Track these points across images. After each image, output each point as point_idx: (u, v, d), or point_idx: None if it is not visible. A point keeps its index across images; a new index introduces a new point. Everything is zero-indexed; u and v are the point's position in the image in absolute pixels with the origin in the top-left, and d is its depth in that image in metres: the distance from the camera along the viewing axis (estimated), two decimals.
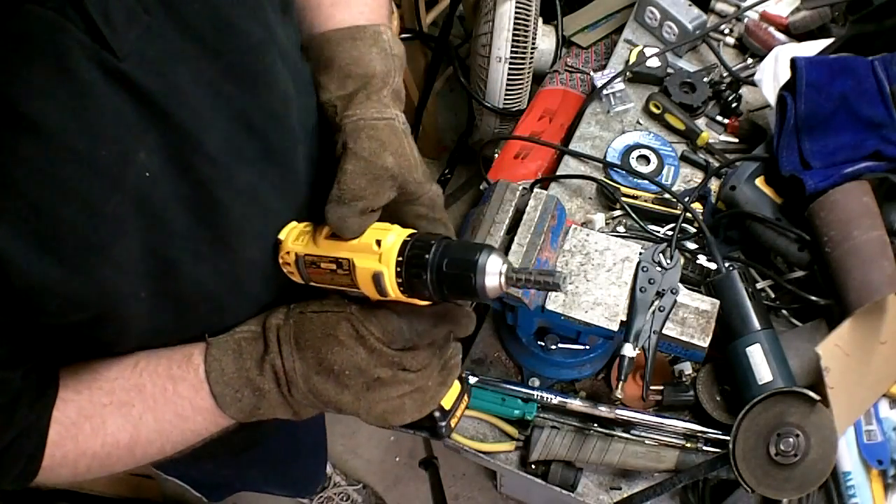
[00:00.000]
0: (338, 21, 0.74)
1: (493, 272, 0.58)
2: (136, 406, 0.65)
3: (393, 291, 0.62)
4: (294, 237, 0.69)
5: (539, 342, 1.04)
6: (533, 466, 1.03)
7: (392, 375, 0.66)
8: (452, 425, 0.73)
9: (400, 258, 0.61)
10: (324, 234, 0.67)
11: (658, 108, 1.28)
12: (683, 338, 0.92)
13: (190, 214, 0.61)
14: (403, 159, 0.67)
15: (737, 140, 1.27)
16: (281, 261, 0.70)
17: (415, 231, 0.65)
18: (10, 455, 0.60)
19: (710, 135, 1.25)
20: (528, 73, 1.72)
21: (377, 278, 0.62)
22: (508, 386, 1.05)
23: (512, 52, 1.66)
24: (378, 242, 0.63)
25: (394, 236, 0.63)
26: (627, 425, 1.01)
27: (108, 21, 0.52)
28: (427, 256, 0.60)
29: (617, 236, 1.05)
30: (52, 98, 0.51)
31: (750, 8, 1.35)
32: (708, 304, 0.94)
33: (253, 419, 0.68)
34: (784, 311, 1.08)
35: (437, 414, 0.71)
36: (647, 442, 0.99)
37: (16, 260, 0.52)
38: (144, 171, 0.56)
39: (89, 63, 0.52)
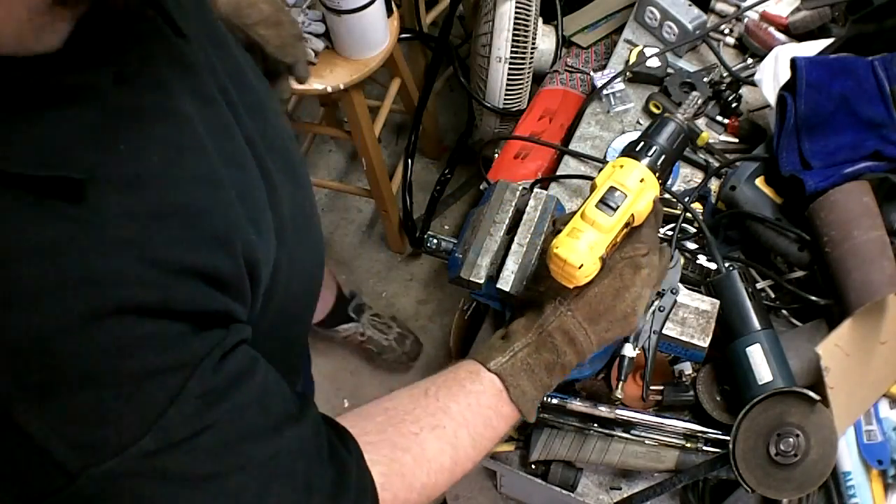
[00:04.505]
0: None
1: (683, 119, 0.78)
2: (447, 427, 0.67)
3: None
4: (579, 251, 0.70)
5: None
6: (533, 466, 1.03)
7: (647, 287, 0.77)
8: None
9: (650, 167, 0.74)
10: (590, 222, 0.71)
11: (658, 108, 1.28)
12: (683, 338, 0.92)
13: (283, 173, 0.67)
14: None
15: (737, 140, 1.27)
16: (580, 276, 0.71)
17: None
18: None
19: (710, 135, 1.25)
20: (528, 73, 1.72)
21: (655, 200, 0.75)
22: None
23: (512, 52, 1.66)
24: (641, 180, 0.73)
25: (636, 167, 0.74)
26: (627, 425, 1.00)
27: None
28: (662, 154, 0.75)
29: None
30: (186, 91, 0.56)
31: (750, 8, 1.35)
32: (708, 304, 0.94)
33: None
34: (784, 311, 1.08)
35: None
36: (647, 442, 0.99)
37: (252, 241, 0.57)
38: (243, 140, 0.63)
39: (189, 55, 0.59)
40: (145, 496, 0.49)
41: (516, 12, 1.63)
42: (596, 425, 1.01)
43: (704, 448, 0.99)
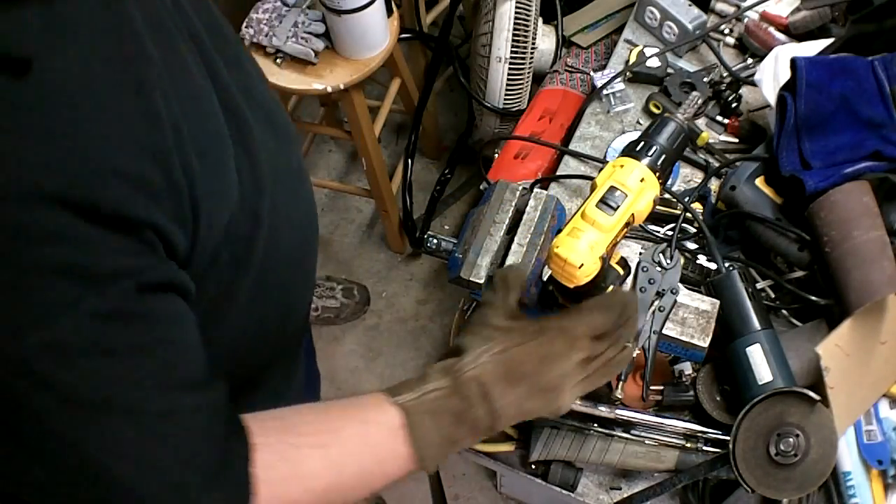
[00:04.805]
0: None
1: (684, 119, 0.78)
2: (332, 449, 0.64)
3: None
4: (579, 251, 0.70)
5: None
6: (533, 466, 1.03)
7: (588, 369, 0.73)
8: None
9: (650, 167, 0.74)
10: (591, 222, 0.71)
11: (658, 108, 1.28)
12: (683, 338, 0.92)
13: (264, 125, 0.67)
14: None
15: (737, 140, 1.27)
16: (580, 276, 0.70)
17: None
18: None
19: (710, 135, 1.25)
20: (528, 73, 1.72)
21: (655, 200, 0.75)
22: None
23: (512, 52, 1.66)
24: (641, 179, 0.73)
25: (636, 167, 0.74)
26: (627, 425, 1.00)
27: None
28: (663, 154, 0.75)
29: None
30: (139, 16, 0.56)
31: (750, 8, 1.35)
32: (708, 304, 0.94)
33: None
34: (784, 311, 1.08)
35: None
36: (647, 442, 0.99)
37: (197, 175, 0.55)
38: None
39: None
40: (24, 402, 0.48)
41: (516, 12, 1.63)
42: (596, 425, 1.01)
43: (704, 448, 0.99)
